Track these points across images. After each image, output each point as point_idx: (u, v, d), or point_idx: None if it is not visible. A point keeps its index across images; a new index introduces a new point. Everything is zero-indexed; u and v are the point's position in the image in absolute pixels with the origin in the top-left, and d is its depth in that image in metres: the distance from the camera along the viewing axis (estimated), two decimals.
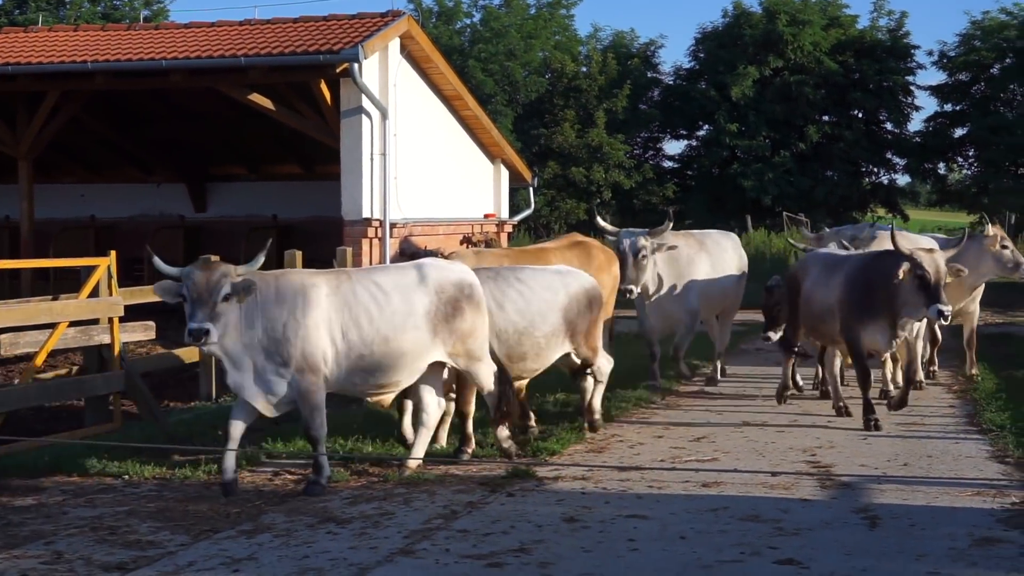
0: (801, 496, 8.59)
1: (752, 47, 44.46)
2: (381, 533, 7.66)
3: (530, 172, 25.34)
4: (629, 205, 44.70)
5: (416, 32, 18.99)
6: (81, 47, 19.37)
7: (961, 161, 47.93)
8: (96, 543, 7.53)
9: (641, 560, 7.00)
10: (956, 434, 11.12)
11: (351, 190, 17.68)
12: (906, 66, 46.13)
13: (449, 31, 48.85)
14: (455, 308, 9.30)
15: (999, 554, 7.05)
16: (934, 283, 10.57)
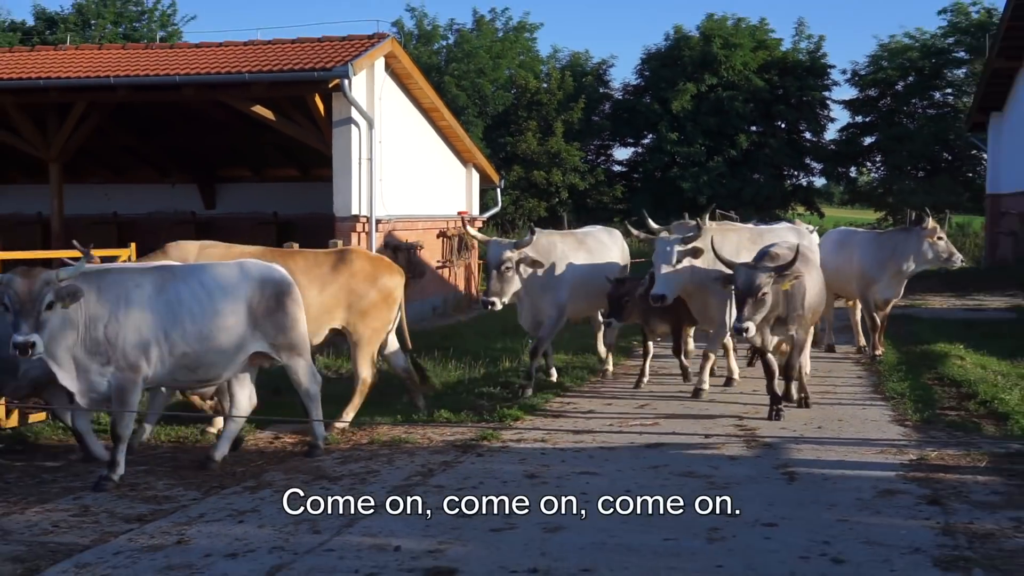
0: (730, 455, 8.66)
1: (690, 66, 44.53)
2: (367, 488, 7.67)
3: (497, 175, 25.36)
4: (584, 204, 44.72)
5: (399, 52, 19.00)
6: (105, 64, 19.28)
7: (869, 166, 48.25)
8: (118, 498, 7.54)
9: (593, 508, 7.02)
10: (863, 401, 11.20)
11: (341, 190, 17.69)
12: (823, 83, 46.31)
13: (427, 51, 48.74)
14: (277, 303, 8.48)
15: (898, 503, 7.15)
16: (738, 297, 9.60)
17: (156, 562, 6.07)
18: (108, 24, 51.16)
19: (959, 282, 26.91)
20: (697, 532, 6.51)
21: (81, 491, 7.71)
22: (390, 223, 18.47)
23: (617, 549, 6.19)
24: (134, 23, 52.30)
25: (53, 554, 6.24)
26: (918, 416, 10.14)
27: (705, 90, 44.14)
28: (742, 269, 9.67)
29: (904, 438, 9.25)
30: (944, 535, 6.42)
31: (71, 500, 7.48)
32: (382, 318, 10.20)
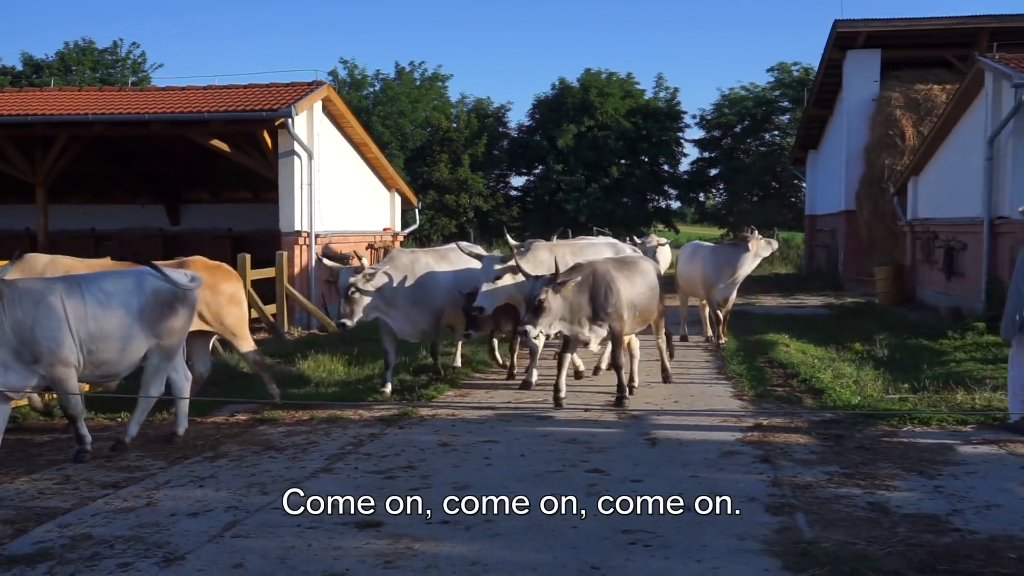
0: (604, 425, 8.73)
1: (572, 111, 44.85)
2: (308, 457, 7.58)
3: (416, 198, 25.25)
4: (486, 222, 44.80)
5: (334, 97, 18.86)
6: (84, 103, 18.87)
7: (714, 192, 49.11)
8: (96, 468, 7.33)
9: (494, 471, 7.05)
10: (710, 380, 11.35)
11: (286, 210, 17.53)
12: (677, 125, 47.00)
13: (358, 96, 48.31)
14: (170, 308, 7.84)
15: (738, 462, 7.28)
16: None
17: (128, 521, 5.92)
18: (87, 70, 49.78)
19: (785, 284, 27.64)
20: (578, 488, 6.54)
21: (64, 463, 7.48)
22: (327, 237, 18.28)
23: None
24: (109, 69, 50.94)
25: (39, 517, 6.04)
26: (753, 392, 10.33)
27: (584, 130, 44.54)
28: (528, 281, 9.23)
29: (742, 410, 9.40)
30: (773, 487, 6.56)
31: (55, 471, 7.24)
32: (236, 314, 9.51)
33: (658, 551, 5.29)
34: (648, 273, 10.41)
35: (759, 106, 46.08)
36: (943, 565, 5.00)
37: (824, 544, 5.33)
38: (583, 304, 9.43)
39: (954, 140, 18.38)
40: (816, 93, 28.70)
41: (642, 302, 10.07)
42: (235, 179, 23.30)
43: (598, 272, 9.62)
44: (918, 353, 12.57)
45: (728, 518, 5.84)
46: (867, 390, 9.96)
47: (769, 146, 46.76)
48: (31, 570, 5.09)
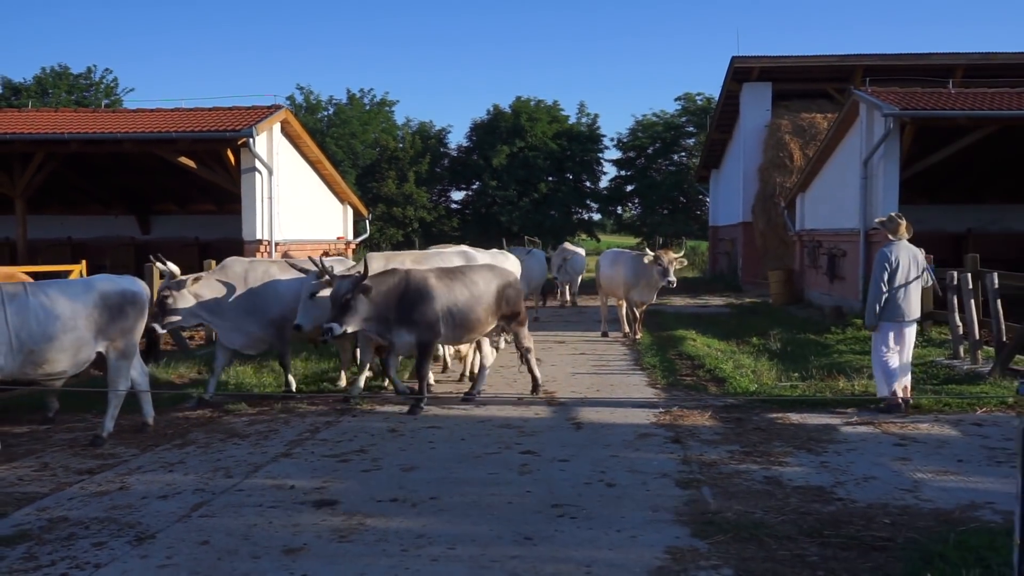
0: (535, 412, 8.71)
1: (505, 133, 44.94)
2: (269, 443, 7.45)
3: (366, 210, 25.05)
4: (430, 232, 44.62)
5: (291, 119, 18.61)
6: (60, 123, 18.30)
7: (631, 205, 49.66)
8: (72, 456, 7.10)
9: (438, 453, 7.01)
10: (628, 371, 11.35)
11: (248, 221, 17.23)
12: (598, 147, 47.39)
13: (313, 119, 47.78)
14: (120, 312, 7.53)
15: (652, 443, 7.33)
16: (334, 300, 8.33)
17: (103, 504, 5.74)
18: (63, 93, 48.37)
19: (692, 287, 27.97)
20: (512, 467, 6.54)
21: (41, 451, 7.22)
22: (286, 245, 18.01)
23: (455, 482, 6.17)
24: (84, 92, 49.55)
25: (18, 501, 5.82)
26: (665, 381, 10.39)
27: (516, 151, 44.65)
28: (336, 282, 8.48)
29: (655, 397, 9.45)
30: (683, 464, 6.62)
31: (33, 459, 6.99)
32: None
33: (583, 522, 5.30)
34: (479, 284, 9.11)
35: (668, 130, 46.76)
36: (829, 530, 5.11)
37: (727, 514, 5.41)
38: (391, 308, 8.53)
39: (835, 161, 18.83)
40: (717, 120, 29.17)
41: (464, 312, 8.88)
42: (201, 192, 22.83)
43: (412, 279, 8.67)
44: (806, 346, 12.83)
45: (643, 492, 5.89)
46: (763, 379, 10.11)
47: (677, 165, 47.45)
48: (11, 550, 4.90)
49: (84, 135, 17.05)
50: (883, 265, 8.43)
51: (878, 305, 8.44)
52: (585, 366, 11.69)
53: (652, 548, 4.88)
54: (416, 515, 5.48)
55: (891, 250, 8.49)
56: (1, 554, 4.84)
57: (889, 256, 8.44)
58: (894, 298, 8.41)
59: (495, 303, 9.24)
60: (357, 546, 4.95)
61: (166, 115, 18.66)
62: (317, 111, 49.53)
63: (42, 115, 20.22)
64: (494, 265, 9.90)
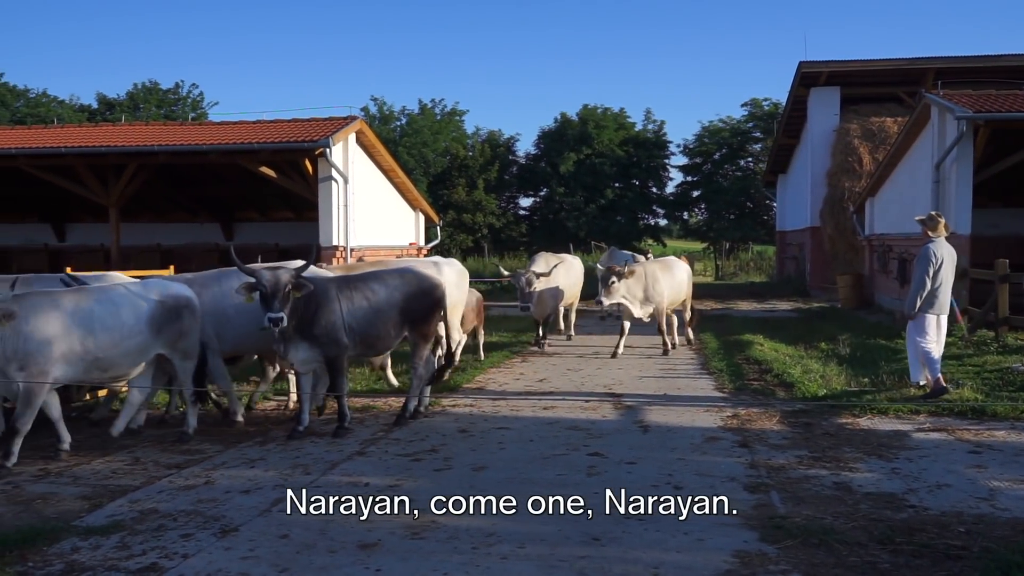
0: (602, 414, 8.66)
1: (572, 141, 44.95)
2: (345, 442, 7.55)
3: (437, 217, 25.29)
4: (499, 238, 44.86)
5: (366, 129, 18.91)
6: (150, 136, 18.95)
7: (697, 211, 49.13)
8: (162, 451, 7.33)
9: (507, 454, 7.02)
10: (694, 375, 11.23)
11: (325, 227, 17.56)
12: (664, 153, 47.08)
13: (386, 129, 48.46)
14: (176, 315, 7.47)
15: (720, 446, 7.22)
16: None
17: (190, 497, 5.91)
18: (153, 107, 50.18)
19: (759, 291, 27.51)
20: (580, 468, 6.51)
21: (133, 446, 7.47)
22: (360, 251, 18.30)
23: (524, 482, 6.16)
24: (172, 106, 51.34)
25: (112, 493, 6.03)
26: (732, 385, 10.23)
27: (583, 157, 44.63)
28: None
29: (723, 401, 9.32)
30: (751, 468, 6.50)
31: (126, 453, 7.24)
32: None
33: (650, 524, 5.25)
34: (379, 292, 7.99)
35: (735, 136, 46.11)
36: (901, 537, 4.95)
37: (795, 519, 5.28)
38: (302, 320, 7.60)
39: (905, 165, 18.29)
40: (784, 125, 28.66)
41: (365, 325, 7.88)
42: (281, 200, 23.34)
43: (316, 290, 7.57)
44: (876, 351, 12.47)
45: (711, 495, 5.78)
46: (832, 383, 9.87)
47: (744, 171, 46.77)
48: (105, 539, 5.08)
49: (172, 147, 17.62)
50: (929, 260, 8.88)
51: (920, 297, 8.93)
52: (651, 370, 11.58)
53: (720, 552, 4.79)
54: (486, 514, 5.49)
55: (935, 247, 8.94)
56: (97, 543, 5.02)
57: (936, 252, 8.90)
58: (937, 292, 8.91)
59: (407, 319, 8.12)
60: (429, 543, 4.99)
61: (248, 127, 19.14)
62: (390, 121, 50.24)
63: (134, 129, 20.99)
64: (412, 273, 8.41)
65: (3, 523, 5.38)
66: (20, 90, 51.86)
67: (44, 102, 51.37)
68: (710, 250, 47.53)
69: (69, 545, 4.98)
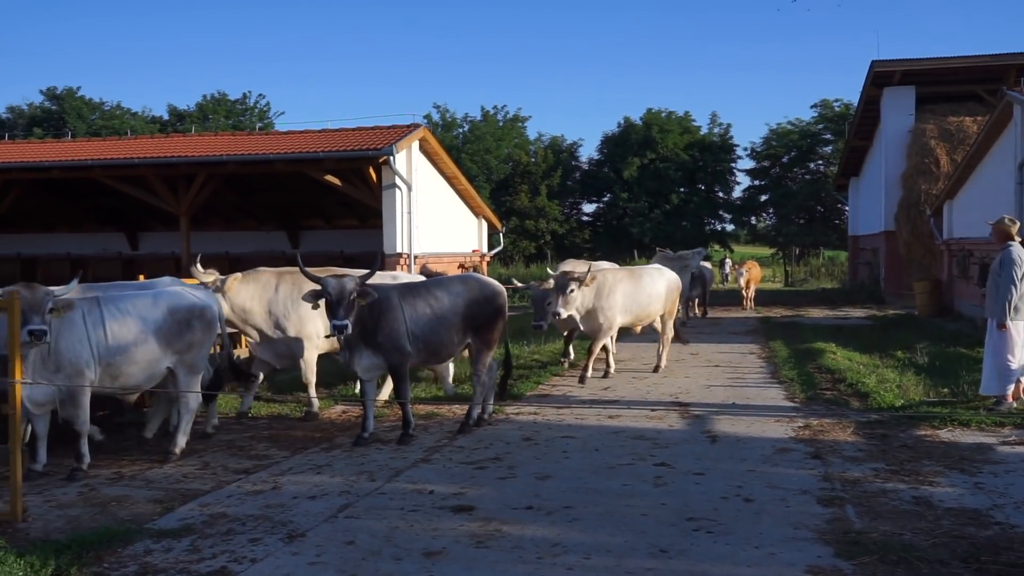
0: (669, 424, 8.55)
1: (636, 145, 44.71)
2: (409, 449, 7.61)
3: (500, 223, 25.39)
4: (561, 244, 44.81)
5: (429, 137, 19.08)
6: (219, 146, 19.43)
7: (765, 215, 48.37)
8: (231, 456, 7.48)
9: (571, 463, 6.98)
10: (764, 384, 11.06)
11: (389, 235, 17.75)
12: (730, 157, 46.49)
13: (449, 136, 48.90)
14: (187, 326, 7.39)
15: (791, 458, 7.07)
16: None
17: (258, 502, 6.02)
18: (221, 117, 51.55)
19: (831, 298, 26.96)
20: (646, 479, 6.44)
21: (203, 451, 7.65)
22: (424, 258, 18.46)
23: (589, 492, 6.12)
24: (240, 117, 52.67)
25: (183, 497, 6.19)
26: (804, 395, 10.03)
27: (647, 162, 44.33)
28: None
29: (794, 411, 9.14)
30: (824, 481, 6.35)
31: (196, 458, 7.41)
32: None
33: (720, 537, 5.16)
34: (442, 299, 8.04)
35: (804, 138, 45.26)
36: (986, 556, 4.76)
37: (873, 534, 5.13)
38: (365, 327, 7.63)
39: (986, 166, 17.68)
40: (856, 126, 28.05)
41: (428, 332, 7.94)
42: (345, 208, 23.72)
43: (379, 297, 7.63)
44: (956, 360, 12.07)
45: (782, 509, 5.67)
46: (909, 394, 9.59)
47: (813, 174, 45.88)
48: (177, 542, 5.20)
49: (240, 156, 18.05)
50: (1015, 263, 8.60)
51: (1010, 304, 8.59)
52: (720, 378, 11.41)
53: (792, 567, 4.68)
54: (551, 524, 5.47)
55: (1016, 251, 8.69)
56: (169, 545, 5.15)
57: (1021, 256, 8.65)
58: (1018, 298, 8.65)
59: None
60: (494, 552, 4.99)
61: (313, 136, 19.53)
62: (453, 128, 50.71)
63: (203, 139, 21.60)
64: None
65: (80, 524, 5.57)
66: (96, 103, 53.94)
67: (118, 114, 53.33)
68: (779, 256, 46.70)
69: (142, 547, 5.12)
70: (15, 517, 5.60)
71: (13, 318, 5.75)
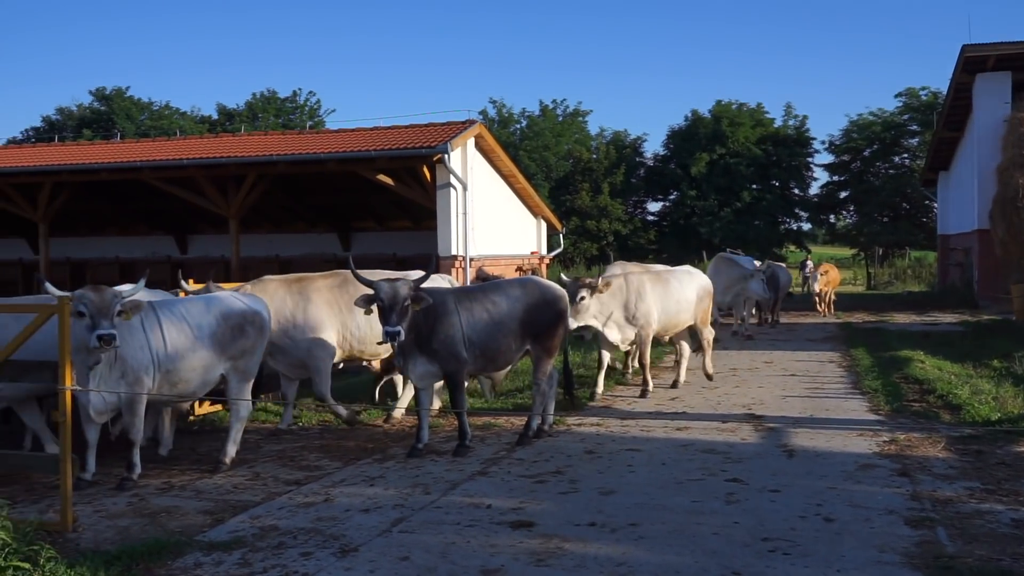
0: (742, 437, 8.46)
1: (704, 140, 44.27)
2: (465, 460, 7.65)
3: (560, 224, 25.37)
4: (625, 245, 44.58)
5: (485, 133, 19.17)
6: (269, 146, 19.77)
7: (845, 213, 47.48)
8: (281, 467, 7.60)
9: (637, 478, 6.94)
10: (845, 395, 10.86)
11: (444, 236, 17.87)
12: (807, 151, 45.75)
13: (506, 132, 49.08)
14: (240, 331, 7.52)
15: (875, 475, 6.93)
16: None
17: (309, 514, 6.11)
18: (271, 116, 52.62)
19: (917, 302, 26.30)
20: (717, 495, 6.37)
21: (253, 461, 7.79)
22: (480, 260, 18.55)
23: (656, 508, 6.08)
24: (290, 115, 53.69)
25: (234, 508, 6.31)
26: (889, 407, 9.82)
27: (716, 158, 43.87)
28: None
29: (878, 424, 8.95)
30: (913, 500, 6.20)
31: (246, 468, 7.55)
32: None
33: (798, 559, 5.07)
34: (500, 303, 8.08)
35: (887, 130, 44.30)
36: None
37: (967, 559, 4.99)
38: (420, 333, 7.77)
39: None
40: (945, 116, 27.34)
41: (485, 338, 7.99)
42: (398, 209, 23.94)
43: (434, 302, 7.70)
44: None
45: (867, 529, 5.56)
46: (1007, 407, 9.28)
47: (898, 168, 44.88)
48: (227, 555, 5.31)
49: (290, 156, 18.39)
50: None
51: None
52: (796, 388, 11.23)
53: None
54: (616, 541, 5.44)
55: None
56: (219, 559, 5.27)
57: None
58: None
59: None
60: (555, 571, 4.98)
61: (365, 134, 19.80)
62: (510, 124, 50.88)
63: (253, 139, 22.04)
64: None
65: (130, 535, 5.72)
66: (145, 103, 55.54)
67: (167, 114, 54.84)
68: (860, 257, 45.74)
69: (192, 560, 5.24)
70: (65, 527, 5.78)
71: (64, 322, 5.94)
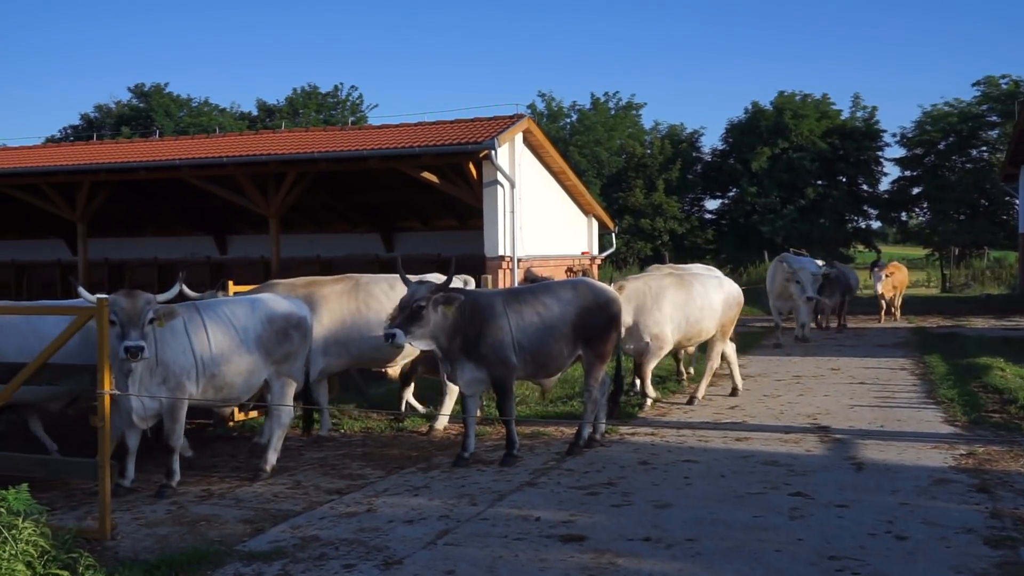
0: (806, 448, 8.37)
1: (765, 133, 43.78)
2: (513, 470, 7.66)
3: (612, 222, 25.24)
4: (681, 245, 44.28)
5: (533, 128, 19.15)
6: (310, 143, 19.97)
7: (917, 211, 46.59)
8: (323, 475, 7.69)
9: (694, 491, 6.89)
10: (919, 404, 10.68)
11: (490, 236, 17.89)
12: (876, 144, 44.98)
13: (555, 127, 49.08)
14: (284, 335, 7.71)
15: (951, 490, 6.79)
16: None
17: (351, 525, 6.17)
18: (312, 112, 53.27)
19: (997, 306, 25.71)
20: (780, 511, 6.30)
21: (294, 469, 7.88)
22: (528, 261, 18.55)
23: (715, 523, 6.03)
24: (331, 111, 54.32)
25: (274, 517, 6.40)
26: (966, 417, 9.64)
27: (778, 152, 43.35)
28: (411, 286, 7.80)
29: (955, 436, 8.79)
30: (992, 518, 6.07)
31: (287, 476, 7.65)
32: None
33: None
34: (551, 306, 8.08)
35: (964, 122, 43.32)
36: None
37: None
38: (467, 337, 7.77)
39: None
40: None
41: (535, 343, 8.00)
42: (443, 208, 24.00)
43: (481, 304, 7.85)
44: None
45: (942, 549, 5.44)
46: None
47: (976, 163, 43.84)
48: (268, 566, 5.38)
49: (332, 153, 18.56)
50: None
51: None
52: (865, 397, 11.07)
53: None
54: (671, 558, 5.40)
55: None
56: (259, 569, 5.34)
57: None
58: None
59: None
60: None
61: (409, 130, 19.91)
62: (559, 118, 50.86)
63: (293, 135, 22.29)
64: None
65: (169, 544, 5.83)
66: (184, 100, 56.61)
67: (206, 111, 55.82)
68: (934, 257, 44.81)
69: (232, 570, 5.32)
70: (104, 535, 5.91)
71: (102, 326, 6.07)
